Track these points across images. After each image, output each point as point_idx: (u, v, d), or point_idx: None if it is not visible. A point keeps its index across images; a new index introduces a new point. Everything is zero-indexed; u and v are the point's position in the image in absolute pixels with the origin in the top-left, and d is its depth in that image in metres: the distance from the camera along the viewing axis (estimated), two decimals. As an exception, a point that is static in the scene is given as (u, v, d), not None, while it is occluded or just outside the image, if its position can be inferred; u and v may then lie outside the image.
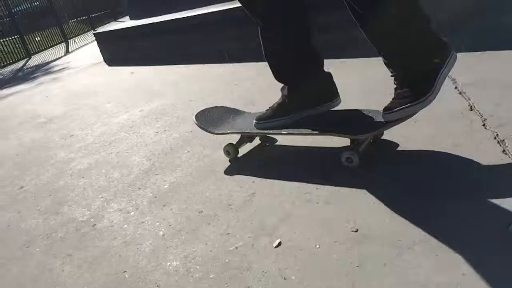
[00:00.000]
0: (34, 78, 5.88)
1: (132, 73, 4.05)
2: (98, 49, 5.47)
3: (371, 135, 1.46)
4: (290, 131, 1.55)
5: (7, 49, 9.43)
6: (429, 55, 1.33)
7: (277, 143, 1.80)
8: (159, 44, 4.28)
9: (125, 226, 1.47)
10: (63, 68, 5.93)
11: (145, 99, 2.99)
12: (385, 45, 1.36)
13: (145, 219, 1.48)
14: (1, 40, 9.57)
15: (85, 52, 7.71)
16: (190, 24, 3.81)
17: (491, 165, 1.25)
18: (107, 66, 5.06)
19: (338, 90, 1.63)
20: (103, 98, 3.41)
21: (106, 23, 14.38)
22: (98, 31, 5.46)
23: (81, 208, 1.69)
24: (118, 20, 15.25)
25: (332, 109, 1.61)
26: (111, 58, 5.18)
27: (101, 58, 5.42)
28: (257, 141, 1.82)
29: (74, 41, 11.11)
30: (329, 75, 1.61)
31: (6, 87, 5.71)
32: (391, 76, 1.40)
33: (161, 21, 4.23)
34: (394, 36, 1.32)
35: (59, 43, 11.27)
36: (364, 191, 1.30)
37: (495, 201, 1.09)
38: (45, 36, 11.00)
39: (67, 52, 8.69)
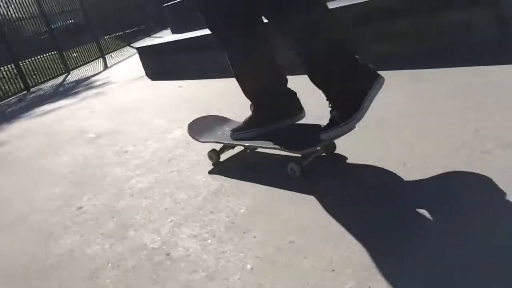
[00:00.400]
0: (76, 93, 5.90)
1: (180, 87, 3.96)
2: (138, 64, 5.44)
3: (309, 151, 1.60)
4: (251, 143, 1.78)
5: (46, 65, 9.61)
6: (355, 81, 1.48)
7: (257, 150, 1.93)
8: (203, 57, 4.19)
9: (204, 256, 1.32)
10: (104, 83, 5.93)
11: (197, 113, 2.86)
12: (315, 71, 1.55)
13: (226, 249, 1.32)
14: (41, 56, 9.77)
15: (124, 67, 7.75)
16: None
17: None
18: (149, 80, 5.01)
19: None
20: (151, 113, 3.32)
21: (141, 39, 14.59)
22: (141, 45, 5.42)
23: (149, 233, 1.55)
24: (152, 35, 15.49)
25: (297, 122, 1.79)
26: (153, 72, 5.13)
27: (143, 73, 5.38)
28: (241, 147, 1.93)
29: (111, 56, 11.27)
30: (293, 93, 1.79)
31: (49, 102, 5.74)
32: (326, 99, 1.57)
33: (204, 35, 4.14)
34: (323, 63, 1.50)
35: (96, 58, 11.45)
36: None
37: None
38: (82, 52, 11.19)
39: (105, 67, 8.77)
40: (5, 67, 8.51)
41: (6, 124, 4.97)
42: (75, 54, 11.18)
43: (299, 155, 1.62)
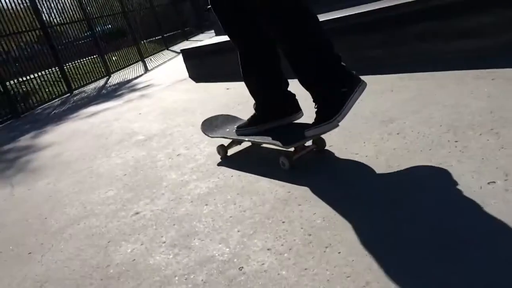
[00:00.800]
0: (120, 95, 5.92)
1: (228, 89, 3.86)
2: (179, 66, 5.39)
3: (295, 146, 1.78)
4: (250, 138, 1.97)
5: (88, 68, 9.78)
6: (338, 85, 1.64)
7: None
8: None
9: (283, 272, 1.18)
10: (148, 85, 5.92)
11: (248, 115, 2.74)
12: (302, 76, 1.71)
13: (307, 265, 1.18)
14: (82, 60, 9.96)
15: (165, 69, 7.77)
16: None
17: None
18: (194, 82, 4.95)
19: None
20: (201, 115, 3.22)
21: (179, 42, 14.76)
22: (185, 47, 5.37)
23: (216, 243, 1.43)
24: (190, 39, 15.63)
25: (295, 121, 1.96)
26: (197, 74, 5.07)
27: (186, 75, 5.33)
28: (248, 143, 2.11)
29: (150, 59, 11.39)
30: (292, 95, 1.95)
31: (94, 104, 5.78)
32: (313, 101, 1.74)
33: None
34: (310, 70, 1.67)
35: (136, 62, 11.61)
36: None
37: None
38: (122, 56, 11.35)
39: (146, 70, 8.83)
40: (48, 70, 8.70)
41: (53, 125, 5.02)
42: (114, 58, 11.36)
43: (292, 150, 1.80)
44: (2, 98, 7.17)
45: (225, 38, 4.71)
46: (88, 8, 10.49)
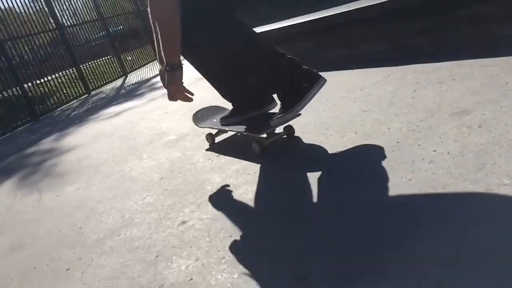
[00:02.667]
0: (141, 94, 5.77)
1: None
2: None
3: (263, 133, 2.02)
4: (229, 128, 2.20)
5: (103, 69, 9.66)
6: (298, 81, 1.89)
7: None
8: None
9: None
10: (169, 83, 5.73)
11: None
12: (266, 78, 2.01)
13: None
14: (98, 60, 9.85)
15: (184, 67, 7.57)
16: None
17: None
18: (218, 79, 4.75)
19: None
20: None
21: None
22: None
23: (283, 260, 1.23)
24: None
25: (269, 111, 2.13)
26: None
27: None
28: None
29: (166, 58, 11.21)
30: (266, 88, 2.11)
31: (115, 104, 5.63)
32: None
33: (268, 30, 3.83)
34: (270, 72, 1.97)
35: (152, 61, 11.47)
36: None
37: None
38: (137, 55, 11.22)
39: (164, 68, 8.66)
40: (64, 71, 8.59)
41: (74, 127, 4.88)
42: (129, 58, 11.25)
43: (264, 136, 2.05)
44: (21, 101, 7.07)
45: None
46: (102, 8, 10.35)
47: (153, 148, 2.78)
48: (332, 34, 3.32)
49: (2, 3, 7.26)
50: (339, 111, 2.27)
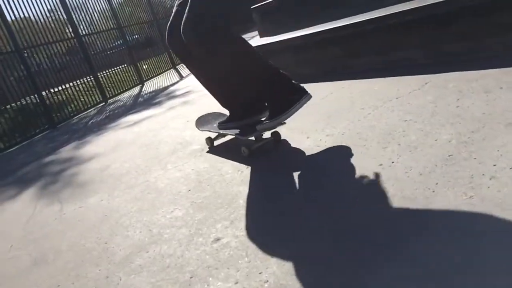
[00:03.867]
0: (160, 102, 5.70)
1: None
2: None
3: (250, 136, 2.26)
4: (224, 131, 2.44)
5: (120, 77, 9.65)
6: (286, 94, 2.09)
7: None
8: (296, 60, 3.77)
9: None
10: (188, 92, 5.68)
11: (323, 120, 2.42)
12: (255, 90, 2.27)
13: None
14: (115, 68, 9.84)
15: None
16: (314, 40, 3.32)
17: None
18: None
19: None
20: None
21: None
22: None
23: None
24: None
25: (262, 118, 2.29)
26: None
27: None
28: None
29: (182, 66, 11.22)
30: (259, 98, 2.29)
31: (133, 113, 5.57)
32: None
33: (297, 36, 3.72)
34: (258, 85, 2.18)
35: (168, 69, 11.48)
36: None
37: None
38: (153, 64, 11.22)
39: (181, 77, 8.63)
40: (81, 80, 8.58)
41: (93, 135, 4.82)
42: (145, 66, 11.25)
43: (253, 139, 2.29)
44: (39, 108, 7.07)
45: (274, 39, 4.41)
46: (120, 17, 10.38)
47: (178, 158, 2.68)
48: (361, 40, 3.20)
49: (23, 13, 7.31)
50: (375, 120, 2.15)
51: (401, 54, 2.99)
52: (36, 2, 7.61)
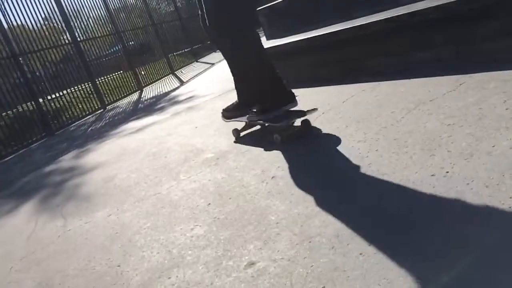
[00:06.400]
0: (162, 108, 5.50)
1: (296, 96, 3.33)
2: (221, 76, 4.91)
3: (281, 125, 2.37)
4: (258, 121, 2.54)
5: (118, 83, 9.44)
6: (279, 97, 2.38)
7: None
8: (307, 63, 3.58)
9: None
10: (192, 97, 5.48)
11: (351, 126, 2.23)
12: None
13: None
14: (112, 75, 9.61)
15: (204, 80, 7.34)
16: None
17: None
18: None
19: None
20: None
21: (207, 55, 14.39)
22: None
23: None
24: (218, 51, 15.23)
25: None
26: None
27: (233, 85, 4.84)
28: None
29: (181, 72, 11.04)
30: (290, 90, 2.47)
31: (135, 119, 5.37)
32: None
33: (305, 38, 3.54)
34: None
35: (167, 75, 11.27)
36: None
37: None
38: (151, 69, 11.02)
39: (181, 82, 8.44)
40: (79, 86, 8.35)
41: (95, 143, 4.61)
42: (143, 72, 11.04)
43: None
44: (36, 115, 6.84)
45: (281, 41, 4.22)
46: (118, 22, 10.19)
47: (190, 167, 2.48)
48: (379, 41, 3.02)
49: (20, 19, 7.11)
50: (412, 124, 1.95)
51: (423, 54, 2.80)
52: (33, 7, 7.40)
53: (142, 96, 8.42)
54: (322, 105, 2.65)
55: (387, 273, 1.08)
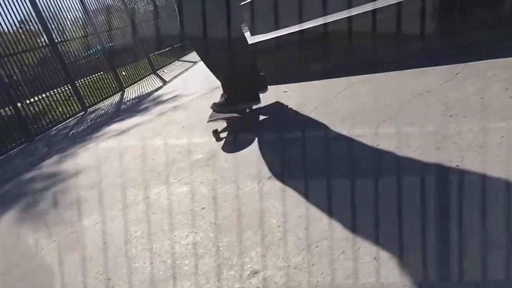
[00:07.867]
0: (146, 109, 5.35)
1: (285, 91, 3.25)
2: (206, 74, 4.77)
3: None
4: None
5: (98, 85, 9.21)
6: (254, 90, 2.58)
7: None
8: (293, 57, 3.50)
9: None
10: (176, 96, 5.34)
11: (347, 120, 2.14)
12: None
13: None
14: (91, 77, 9.37)
15: (188, 79, 7.20)
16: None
17: None
18: (233, 88, 4.34)
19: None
20: (266, 126, 2.63)
21: (188, 53, 14.20)
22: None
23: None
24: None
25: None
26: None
27: (218, 83, 4.73)
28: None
29: (163, 71, 10.86)
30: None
31: (119, 121, 5.21)
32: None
33: (286, 33, 3.46)
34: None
35: (148, 75, 11.07)
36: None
37: None
38: (131, 70, 10.80)
39: (164, 82, 8.28)
40: (57, 89, 8.08)
41: (76, 147, 4.44)
42: (124, 73, 10.81)
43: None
44: (14, 120, 6.62)
45: (270, 35, 4.12)
46: (96, 23, 9.95)
47: (180, 169, 2.37)
48: (363, 33, 2.94)
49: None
50: (412, 116, 1.88)
51: (415, 44, 2.73)
52: (8, 10, 7.14)
53: (124, 97, 8.23)
54: (313, 99, 2.56)
55: (403, 280, 1.00)
